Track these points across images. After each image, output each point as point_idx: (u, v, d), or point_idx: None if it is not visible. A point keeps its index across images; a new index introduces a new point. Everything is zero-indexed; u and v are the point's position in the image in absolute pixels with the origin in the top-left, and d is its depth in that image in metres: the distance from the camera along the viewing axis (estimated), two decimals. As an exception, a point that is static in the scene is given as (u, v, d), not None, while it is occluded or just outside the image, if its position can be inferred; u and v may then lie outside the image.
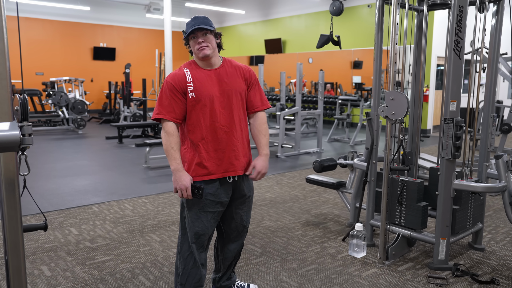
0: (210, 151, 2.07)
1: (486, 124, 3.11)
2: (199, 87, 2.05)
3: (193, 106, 2.04)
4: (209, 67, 2.10)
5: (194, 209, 2.09)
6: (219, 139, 2.07)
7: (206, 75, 2.08)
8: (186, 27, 2.07)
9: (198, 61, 2.11)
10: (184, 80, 2.05)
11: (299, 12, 12.47)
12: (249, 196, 2.23)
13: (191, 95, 2.03)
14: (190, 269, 2.14)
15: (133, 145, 7.83)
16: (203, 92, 2.04)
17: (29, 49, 13.12)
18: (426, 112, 9.99)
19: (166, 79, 2.08)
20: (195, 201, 2.08)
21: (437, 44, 9.63)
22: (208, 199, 2.08)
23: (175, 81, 2.05)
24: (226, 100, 2.08)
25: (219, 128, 2.07)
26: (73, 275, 2.70)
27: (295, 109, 7.15)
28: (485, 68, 4.46)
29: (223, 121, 2.07)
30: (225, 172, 2.10)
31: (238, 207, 2.21)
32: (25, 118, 1.33)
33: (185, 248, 2.16)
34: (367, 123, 3.11)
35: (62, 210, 4.03)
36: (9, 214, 1.34)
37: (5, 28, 1.28)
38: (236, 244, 2.32)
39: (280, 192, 4.74)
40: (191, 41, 2.08)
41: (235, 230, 2.27)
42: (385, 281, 2.63)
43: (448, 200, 2.69)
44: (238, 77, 2.14)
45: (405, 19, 3.00)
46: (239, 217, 2.23)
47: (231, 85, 2.10)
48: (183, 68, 2.10)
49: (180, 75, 2.06)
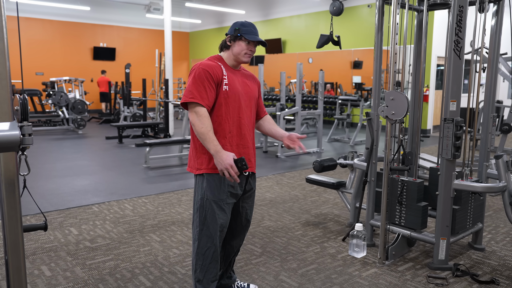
0: (233, 145, 2.12)
1: (486, 124, 3.11)
2: (232, 83, 2.11)
3: (225, 99, 2.08)
4: (235, 68, 2.20)
5: (219, 202, 2.13)
6: (243, 135, 2.15)
7: (235, 74, 2.16)
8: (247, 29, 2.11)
9: (229, 60, 2.17)
10: (220, 72, 2.08)
11: (299, 12, 12.47)
12: (254, 190, 2.33)
13: (225, 88, 2.08)
14: (209, 264, 2.16)
15: (133, 145, 7.83)
16: (235, 88, 2.11)
17: (29, 49, 13.12)
18: (426, 112, 9.99)
19: (201, 67, 2.06)
20: (220, 194, 2.11)
21: (437, 44, 9.63)
22: (229, 191, 2.14)
23: (212, 70, 2.06)
24: (248, 101, 2.19)
25: (244, 125, 2.15)
26: (73, 275, 2.70)
27: (295, 109, 7.15)
28: (485, 68, 4.46)
29: (247, 119, 2.17)
30: None
31: (245, 201, 2.28)
32: (25, 118, 1.33)
33: (203, 243, 2.15)
34: (367, 123, 3.11)
35: (62, 210, 4.03)
36: (9, 214, 1.34)
37: (5, 28, 1.28)
38: (239, 240, 2.37)
39: (280, 192, 4.74)
40: (242, 43, 2.11)
41: (240, 225, 2.32)
42: (385, 281, 2.63)
43: (448, 200, 2.69)
44: (254, 84, 2.28)
45: (405, 19, 3.00)
46: (245, 211, 2.29)
47: (251, 89, 2.22)
48: (216, 61, 2.13)
49: (216, 67, 2.09)
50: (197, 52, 16.81)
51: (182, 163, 6.35)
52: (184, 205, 4.22)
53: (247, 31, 2.11)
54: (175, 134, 9.33)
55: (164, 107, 8.87)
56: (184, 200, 4.40)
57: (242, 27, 2.11)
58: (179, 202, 4.31)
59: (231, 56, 2.15)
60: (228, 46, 2.16)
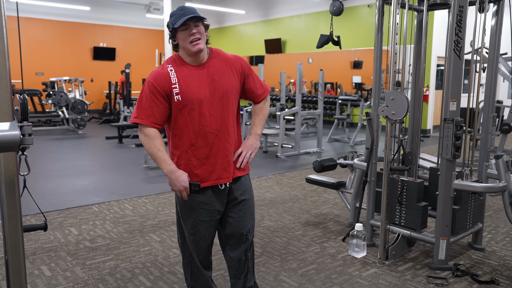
0: (201, 158, 1.92)
1: (486, 124, 3.11)
2: (186, 89, 1.86)
3: (180, 110, 1.87)
4: (197, 63, 1.91)
5: (190, 220, 1.99)
6: (211, 144, 1.91)
7: (193, 74, 1.89)
8: (174, 18, 1.84)
9: (185, 56, 1.91)
10: (168, 81, 1.85)
11: (299, 12, 12.47)
12: (242, 200, 2.04)
13: (177, 98, 1.85)
14: (197, 272, 2.10)
15: (133, 145, 7.83)
16: (190, 95, 1.86)
17: (29, 49, 13.12)
18: (426, 112, 9.99)
19: (148, 79, 1.88)
20: (190, 212, 1.98)
21: (437, 44, 9.63)
22: (203, 208, 1.96)
23: (158, 81, 1.85)
24: (217, 100, 1.90)
25: (210, 133, 1.90)
26: (73, 275, 2.70)
27: (295, 109, 7.15)
28: (485, 68, 4.45)
29: (214, 125, 1.90)
30: (218, 179, 1.95)
31: (230, 212, 2.05)
32: (25, 118, 1.33)
33: (187, 254, 2.09)
34: (367, 123, 3.11)
35: (62, 210, 4.03)
36: (9, 214, 1.34)
37: (5, 28, 1.28)
38: (237, 252, 2.11)
39: (280, 192, 4.74)
40: (181, 33, 1.84)
41: (232, 237, 2.08)
42: (385, 281, 2.63)
43: (448, 200, 2.69)
44: (230, 74, 1.95)
45: (405, 19, 3.00)
46: (234, 222, 2.05)
47: (222, 84, 1.92)
48: (167, 66, 1.89)
49: (164, 75, 1.86)
50: (197, 52, 16.79)
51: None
52: (184, 205, 4.22)
53: (175, 19, 1.83)
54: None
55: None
56: (184, 200, 4.40)
57: (171, 18, 1.85)
58: (179, 202, 4.30)
59: (184, 52, 1.90)
60: (176, 45, 1.92)
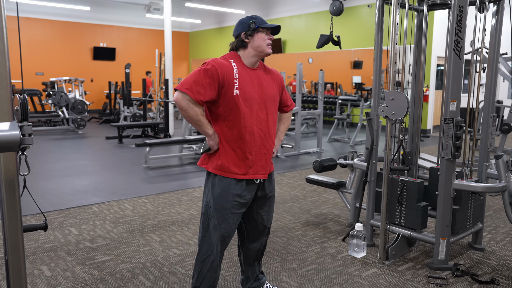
0: (245, 152, 2.05)
1: (486, 124, 3.11)
2: (244, 86, 2.01)
3: (235, 104, 1.99)
4: (253, 66, 2.08)
5: (222, 211, 2.06)
6: (255, 141, 2.06)
7: (249, 76, 2.05)
8: (258, 20, 2.04)
9: (246, 57, 2.06)
10: (231, 74, 1.98)
11: (299, 12, 12.47)
12: (270, 196, 2.23)
13: (236, 92, 1.98)
14: (206, 272, 2.12)
15: (133, 145, 7.83)
16: (246, 92, 2.01)
17: (29, 49, 13.12)
18: (426, 112, 9.99)
19: (211, 63, 1.96)
20: (224, 203, 2.06)
21: (437, 44, 9.63)
22: (236, 201, 2.06)
23: (222, 70, 1.96)
24: (264, 103, 2.08)
25: (257, 131, 2.06)
26: (73, 275, 2.70)
27: (295, 109, 7.15)
28: (485, 68, 4.45)
29: (260, 125, 2.07)
30: (255, 174, 2.09)
31: (260, 207, 2.21)
32: (25, 118, 1.33)
33: (203, 250, 2.13)
34: (367, 123, 3.11)
35: (62, 210, 4.03)
36: (9, 214, 1.34)
37: (5, 28, 1.28)
38: (257, 243, 2.30)
39: (280, 192, 4.74)
40: (262, 34, 2.03)
41: (256, 230, 2.26)
42: (385, 281, 2.63)
43: (448, 200, 2.69)
44: (273, 84, 2.16)
45: (405, 19, 3.00)
46: (260, 217, 2.23)
47: (268, 91, 2.10)
48: (230, 61, 2.02)
49: (228, 67, 1.98)
50: (197, 52, 16.81)
51: (182, 163, 6.36)
52: (184, 205, 4.22)
53: (261, 21, 2.03)
54: (175, 134, 9.33)
55: (164, 107, 8.87)
56: (184, 200, 4.40)
57: (254, 19, 2.03)
58: (179, 202, 4.31)
59: (251, 52, 2.05)
60: (246, 44, 2.04)
